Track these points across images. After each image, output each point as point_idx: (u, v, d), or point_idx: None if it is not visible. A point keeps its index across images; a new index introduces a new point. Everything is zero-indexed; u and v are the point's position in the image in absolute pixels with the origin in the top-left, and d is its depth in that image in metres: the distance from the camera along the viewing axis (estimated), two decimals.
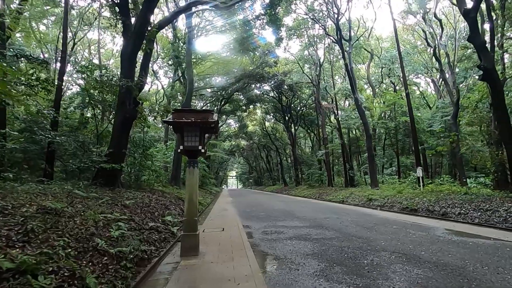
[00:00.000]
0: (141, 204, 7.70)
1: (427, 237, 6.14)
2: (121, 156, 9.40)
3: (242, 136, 54.27)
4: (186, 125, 4.94)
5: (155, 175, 14.28)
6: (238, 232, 7.19)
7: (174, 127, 5.29)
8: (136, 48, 9.91)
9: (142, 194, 9.36)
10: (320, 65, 27.75)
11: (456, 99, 17.83)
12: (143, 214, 6.84)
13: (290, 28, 24.81)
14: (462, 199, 10.62)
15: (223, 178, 77.50)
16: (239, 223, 8.68)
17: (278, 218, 9.78)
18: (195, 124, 4.93)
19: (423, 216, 10.34)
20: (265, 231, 7.23)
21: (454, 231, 7.00)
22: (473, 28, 10.75)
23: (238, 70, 28.97)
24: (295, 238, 6.25)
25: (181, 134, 5.12)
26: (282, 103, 35.54)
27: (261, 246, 5.63)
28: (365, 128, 19.41)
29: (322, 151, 26.57)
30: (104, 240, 3.89)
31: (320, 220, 9.13)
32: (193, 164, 5.09)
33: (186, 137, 5.06)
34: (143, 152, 12.42)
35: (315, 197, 22.18)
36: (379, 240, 5.88)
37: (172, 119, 4.95)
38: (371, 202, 14.78)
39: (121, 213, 5.90)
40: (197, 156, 5.20)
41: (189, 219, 4.94)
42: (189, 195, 5.03)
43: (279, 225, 8.13)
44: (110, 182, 9.04)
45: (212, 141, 34.29)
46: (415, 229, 7.29)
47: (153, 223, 6.38)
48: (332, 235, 6.54)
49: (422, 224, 8.24)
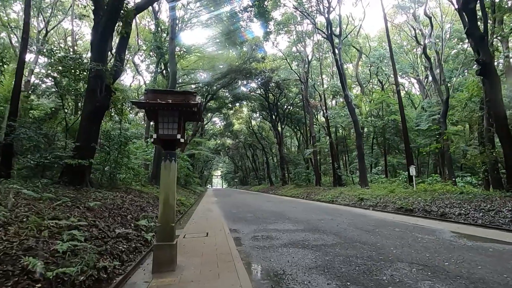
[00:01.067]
0: (111, 206, 6.59)
1: (438, 243, 5.44)
2: (89, 151, 8.20)
3: (227, 135, 53.13)
4: (162, 108, 3.94)
5: (132, 173, 13.04)
6: (224, 237, 6.23)
7: (147, 112, 4.27)
8: (108, 29, 8.70)
9: (114, 194, 8.21)
10: (309, 61, 27.14)
11: (446, 98, 17.64)
12: (112, 218, 5.75)
13: (279, 23, 24.03)
14: (459, 198, 10.17)
15: (208, 177, 75.87)
16: (225, 227, 7.73)
17: (268, 220, 8.89)
18: (173, 106, 3.94)
19: (420, 216, 9.79)
20: (256, 236, 6.32)
21: (462, 234, 6.37)
22: (472, 20, 10.31)
23: (224, 65, 27.89)
24: (291, 245, 5.37)
25: (155, 119, 4.11)
26: (269, 101, 34.79)
27: (252, 256, 4.71)
28: (355, 126, 18.92)
29: (310, 150, 25.97)
30: (43, 259, 2.84)
31: (314, 222, 8.33)
32: (169, 157, 4.10)
33: (161, 123, 4.06)
34: (120, 148, 11.19)
35: (303, 196, 21.54)
36: (388, 246, 5.12)
37: (143, 101, 3.94)
38: (362, 202, 14.22)
39: (82, 217, 4.82)
40: (175, 147, 4.21)
41: (164, 226, 3.95)
42: (164, 196, 4.03)
43: (271, 229, 7.24)
44: (76, 180, 7.85)
45: (197, 139, 32.94)
46: (420, 232, 6.62)
47: (122, 229, 5.32)
48: (332, 240, 5.72)
49: (424, 226, 7.61)
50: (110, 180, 10.88)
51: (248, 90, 35.66)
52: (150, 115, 4.25)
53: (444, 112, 17.69)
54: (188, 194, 21.58)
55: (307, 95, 26.96)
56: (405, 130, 16.08)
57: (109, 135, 10.98)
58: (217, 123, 51.72)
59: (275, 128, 36.91)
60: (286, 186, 31.76)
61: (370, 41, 30.40)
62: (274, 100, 34.71)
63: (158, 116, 4.08)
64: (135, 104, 4.09)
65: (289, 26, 26.32)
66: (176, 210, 10.93)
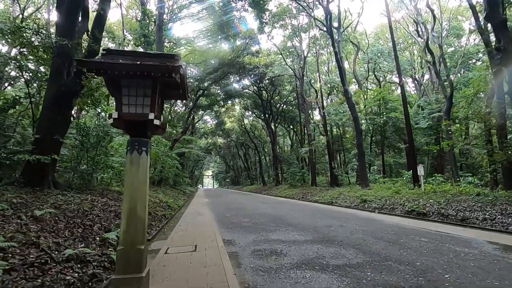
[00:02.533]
0: (73, 214, 5.19)
1: (487, 259, 4.31)
2: (53, 145, 6.75)
3: (219, 134, 51.58)
4: (126, 71, 2.62)
5: (112, 172, 11.53)
6: (217, 253, 4.94)
7: (107, 80, 2.93)
8: (73, 5, 7.27)
9: (83, 198, 6.79)
10: (305, 57, 26.00)
11: (450, 94, 16.79)
12: (69, 231, 4.36)
13: (274, 15, 22.80)
14: (478, 201, 9.15)
15: (199, 177, 74.05)
16: (217, 236, 6.42)
17: (268, 227, 7.62)
18: (142, 70, 2.62)
19: (437, 221, 8.73)
20: (257, 251, 5.04)
21: (503, 246, 5.29)
22: (492, 3, 9.32)
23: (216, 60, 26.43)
24: (305, 265, 4.12)
25: (118, 91, 2.79)
26: (263, 98, 33.55)
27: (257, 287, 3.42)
28: (355, 123, 17.85)
29: (306, 148, 24.84)
30: None
31: (322, 229, 7.11)
32: (138, 148, 2.79)
33: (126, 97, 2.74)
34: (98, 144, 9.71)
35: (298, 197, 20.41)
36: (432, 267, 3.93)
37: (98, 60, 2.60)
38: (365, 204, 13.16)
39: (20, 232, 3.44)
40: (147, 133, 2.89)
41: (127, 249, 2.63)
42: (129, 205, 2.71)
43: (273, 239, 5.97)
44: (35, 180, 6.43)
45: (187, 137, 31.30)
46: (454, 243, 5.48)
47: (81, 245, 3.96)
48: (355, 257, 4.50)
49: (450, 234, 6.50)
50: (84, 180, 9.39)
51: (241, 87, 34.30)
52: (111, 85, 2.91)
53: (448, 109, 16.83)
54: (177, 195, 20.11)
55: (302, 91, 25.81)
56: (409, 128, 15.09)
57: (83, 128, 9.49)
58: (208, 122, 50.11)
59: (268, 127, 35.69)
60: (280, 186, 30.58)
61: (367, 37, 29.52)
62: (267, 97, 33.51)
63: (122, 87, 2.76)
64: (83, 64, 2.73)
65: (284, 20, 25.17)
66: (160, 215, 9.58)
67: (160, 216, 9.28)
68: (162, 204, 11.62)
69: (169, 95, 3.28)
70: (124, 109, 2.73)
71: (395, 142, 23.18)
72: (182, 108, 37.98)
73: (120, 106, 2.73)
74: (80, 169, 9.39)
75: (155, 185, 19.55)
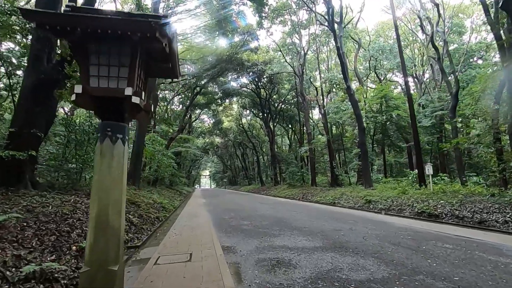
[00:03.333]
0: (48, 218, 4.47)
1: None
2: (30, 140, 5.99)
3: (216, 133, 50.79)
4: (92, 27, 1.92)
5: None
6: (215, 263, 4.25)
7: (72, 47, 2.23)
8: None
9: (65, 199, 6.05)
10: (305, 53, 25.36)
11: (455, 91, 16.21)
12: (38, 239, 3.65)
13: (274, 9, 22.12)
14: (494, 202, 8.55)
15: (196, 177, 73.21)
16: (215, 243, 5.72)
17: (271, 230, 6.94)
18: (115, 29, 1.93)
19: (452, 223, 8.15)
20: (262, 262, 4.35)
21: None
22: None
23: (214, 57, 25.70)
24: (321, 280, 3.45)
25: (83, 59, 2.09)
26: (261, 97, 32.86)
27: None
28: (357, 121, 17.22)
29: (306, 147, 24.20)
30: None
31: (331, 233, 6.45)
32: (111, 134, 2.09)
33: (94, 67, 2.04)
34: (86, 141, 8.96)
35: (298, 198, 19.80)
36: (477, 283, 3.28)
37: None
38: (371, 205, 12.57)
39: None
40: (124, 115, 2.19)
41: (94, 271, 1.93)
42: (97, 211, 2.02)
43: (279, 246, 5.29)
44: (11, 179, 5.70)
45: (184, 136, 30.49)
46: (483, 251, 4.85)
47: (48, 259, 3.25)
48: (378, 269, 3.84)
49: (474, 239, 5.87)
50: (71, 180, 8.65)
51: (239, 85, 33.56)
52: (79, 53, 2.21)
53: (453, 107, 16.25)
54: (172, 196, 19.35)
55: (302, 89, 25.15)
56: (415, 126, 14.47)
57: (70, 123, 8.75)
58: (205, 121, 49.31)
59: (267, 126, 35.01)
60: (279, 186, 29.93)
61: (368, 34, 28.96)
62: (266, 96, 32.84)
63: (90, 54, 2.06)
64: (30, 15, 2.01)
65: (283, 15, 24.51)
66: (153, 217, 8.81)
67: (153, 219, 8.55)
68: (156, 206, 10.88)
69: (155, 70, 2.58)
70: (92, 83, 2.03)
71: (397, 141, 22.60)
72: (179, 107, 37.22)
73: (87, 78, 2.04)
74: (66, 168, 8.65)
75: (150, 185, 18.79)
